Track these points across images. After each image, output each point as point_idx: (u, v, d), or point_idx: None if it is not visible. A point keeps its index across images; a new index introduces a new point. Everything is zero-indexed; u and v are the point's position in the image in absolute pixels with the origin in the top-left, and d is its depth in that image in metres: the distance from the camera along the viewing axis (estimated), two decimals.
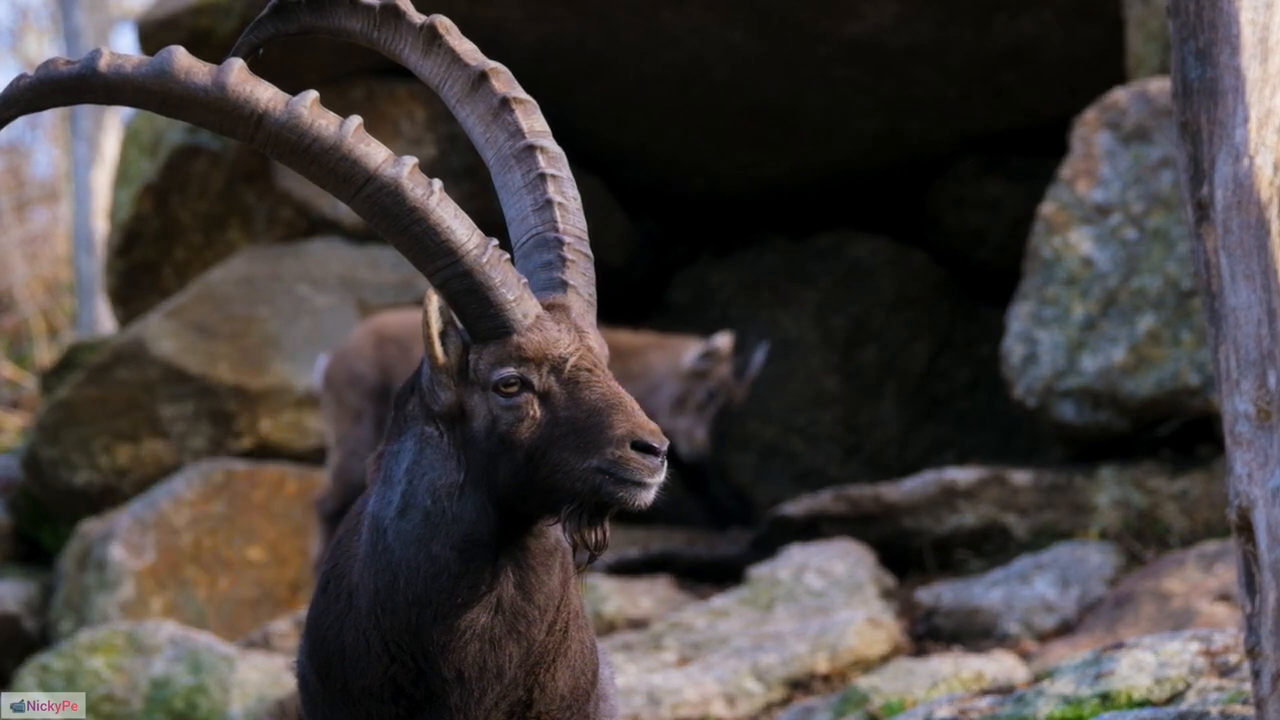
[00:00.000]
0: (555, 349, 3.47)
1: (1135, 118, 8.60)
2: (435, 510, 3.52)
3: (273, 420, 9.67)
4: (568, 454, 3.43)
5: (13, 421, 16.19)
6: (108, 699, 7.77)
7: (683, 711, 7.24)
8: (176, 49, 3.45)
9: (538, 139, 3.71)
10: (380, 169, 3.46)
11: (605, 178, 10.83)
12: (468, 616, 3.51)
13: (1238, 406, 3.92)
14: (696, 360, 9.14)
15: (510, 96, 3.73)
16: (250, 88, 3.42)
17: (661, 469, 3.41)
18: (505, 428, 3.47)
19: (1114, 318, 8.55)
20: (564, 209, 3.67)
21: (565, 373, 3.47)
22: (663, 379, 9.12)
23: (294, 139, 3.43)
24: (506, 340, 3.48)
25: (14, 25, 22.75)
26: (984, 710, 5.40)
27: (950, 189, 11.16)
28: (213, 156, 10.46)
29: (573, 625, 3.66)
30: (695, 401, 9.07)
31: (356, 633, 3.60)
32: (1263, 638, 3.85)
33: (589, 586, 8.38)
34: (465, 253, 3.45)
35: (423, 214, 3.45)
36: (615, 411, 3.43)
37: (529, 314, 3.49)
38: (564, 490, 3.44)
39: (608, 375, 3.49)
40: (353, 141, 3.44)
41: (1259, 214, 3.94)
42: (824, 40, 10.07)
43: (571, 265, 3.63)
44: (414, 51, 3.81)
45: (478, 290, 3.47)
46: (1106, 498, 8.50)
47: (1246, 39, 4.02)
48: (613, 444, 3.39)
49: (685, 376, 9.11)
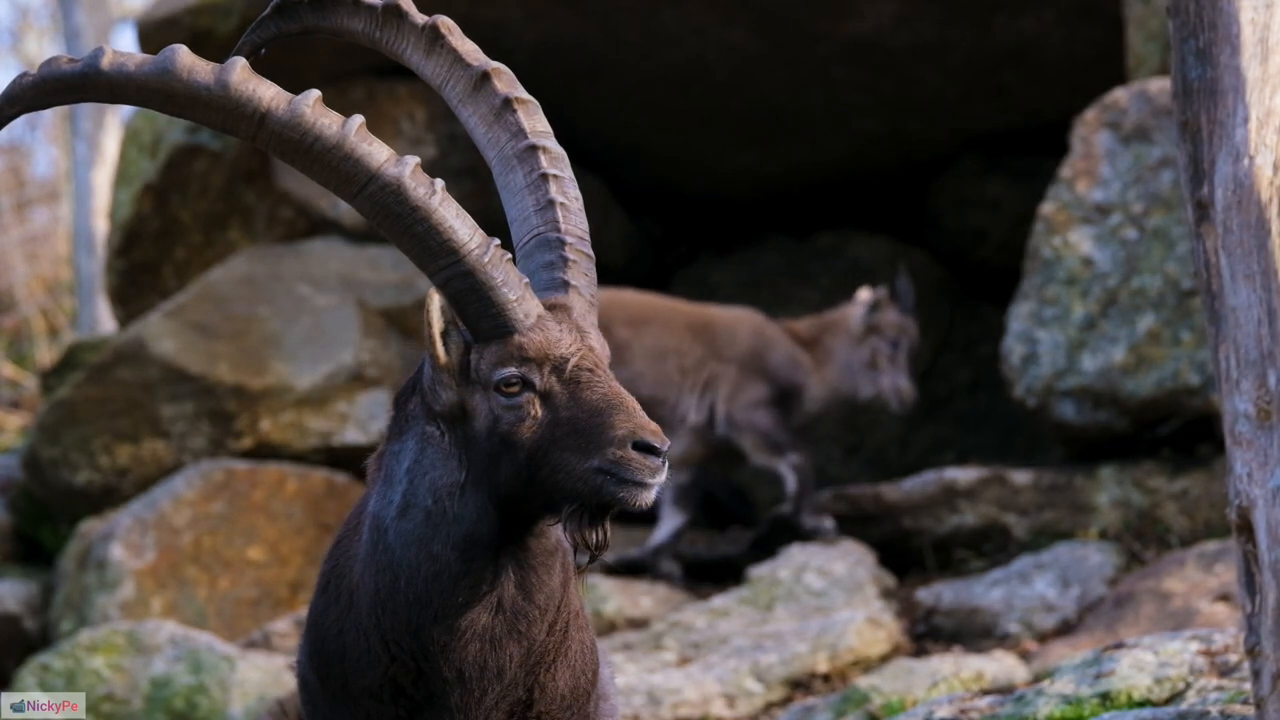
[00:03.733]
0: (557, 349, 3.47)
1: (1135, 117, 8.61)
2: (437, 510, 3.52)
3: (273, 420, 9.67)
4: (569, 454, 3.43)
5: (13, 421, 16.18)
6: (108, 699, 7.77)
7: (683, 711, 7.24)
8: (179, 48, 3.45)
9: (540, 139, 3.71)
10: (383, 168, 3.45)
11: (605, 178, 10.83)
12: (468, 616, 3.51)
13: (1238, 406, 3.92)
14: (863, 319, 9.07)
15: (512, 97, 3.73)
16: (253, 86, 3.42)
17: (663, 469, 3.41)
18: (507, 427, 3.47)
19: (1114, 318, 8.55)
20: (566, 209, 3.67)
21: (567, 373, 3.47)
22: (845, 353, 9.07)
23: (296, 138, 3.43)
24: (508, 340, 3.47)
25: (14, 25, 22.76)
26: (984, 710, 5.41)
27: (950, 189, 11.16)
28: (213, 156, 10.46)
29: (573, 625, 3.66)
30: (884, 356, 9.02)
31: (357, 633, 3.60)
32: (1263, 637, 3.86)
33: (589, 586, 8.38)
34: (467, 252, 3.45)
35: (425, 213, 3.45)
36: (617, 412, 3.42)
37: (531, 314, 3.49)
38: (565, 490, 3.44)
39: (609, 375, 3.49)
40: (355, 140, 3.44)
41: (1259, 214, 3.94)
42: (824, 40, 10.07)
43: (573, 265, 3.63)
44: (416, 52, 3.81)
45: (479, 290, 3.46)
46: (1106, 497, 8.50)
47: (1246, 39, 4.02)
48: (614, 444, 3.39)
49: (861, 338, 9.06)
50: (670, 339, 8.90)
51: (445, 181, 3.52)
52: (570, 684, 3.66)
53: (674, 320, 8.99)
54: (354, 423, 9.69)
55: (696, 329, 8.98)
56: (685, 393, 8.87)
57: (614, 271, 10.72)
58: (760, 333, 9.07)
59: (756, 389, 8.86)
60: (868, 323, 9.06)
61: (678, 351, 8.88)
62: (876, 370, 9.02)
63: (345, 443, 9.63)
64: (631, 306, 8.98)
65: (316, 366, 9.70)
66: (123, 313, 11.06)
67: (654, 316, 8.98)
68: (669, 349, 8.87)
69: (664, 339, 8.90)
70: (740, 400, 8.84)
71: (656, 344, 8.87)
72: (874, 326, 9.05)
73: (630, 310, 8.94)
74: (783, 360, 9.00)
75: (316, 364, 9.71)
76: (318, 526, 9.44)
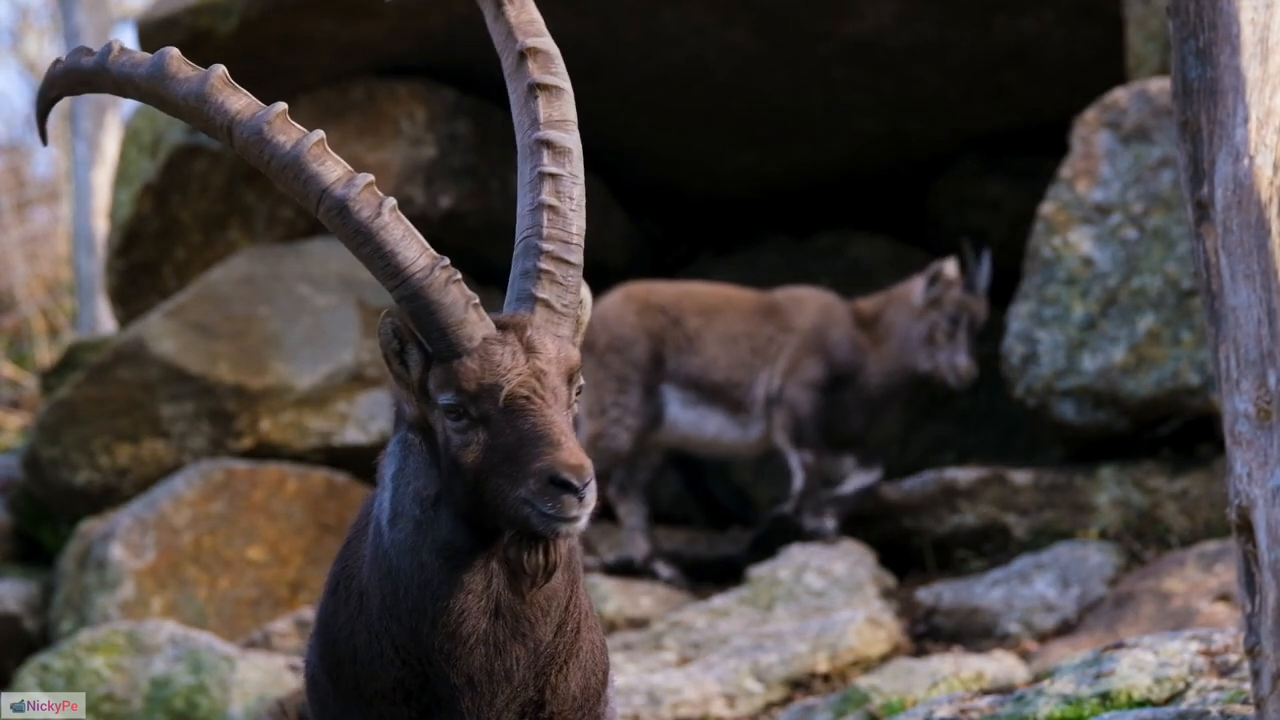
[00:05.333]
0: (492, 376, 3.44)
1: (1135, 117, 8.61)
2: (423, 518, 3.52)
3: (273, 420, 9.67)
4: (503, 481, 3.41)
5: (13, 421, 16.18)
6: (108, 699, 7.77)
7: (683, 711, 7.24)
8: (169, 51, 3.50)
9: (549, 132, 3.63)
10: (330, 189, 3.45)
11: (605, 178, 10.83)
12: (468, 623, 3.50)
13: (1238, 406, 3.92)
14: (925, 293, 8.98)
15: (538, 82, 3.65)
16: (223, 97, 3.47)
17: (581, 504, 3.37)
18: (455, 450, 3.46)
19: (1114, 317, 8.55)
20: (555, 213, 3.59)
21: (501, 400, 3.43)
22: (905, 328, 9.02)
23: (256, 152, 3.47)
24: (450, 364, 3.46)
25: (14, 25, 22.75)
26: (984, 710, 5.41)
27: (950, 189, 11.15)
28: (213, 156, 10.45)
29: (584, 626, 3.65)
30: (943, 332, 8.93)
31: (369, 635, 3.60)
32: (1263, 637, 3.86)
33: (589, 586, 8.38)
34: (412, 274, 3.44)
35: (367, 236, 3.44)
36: (540, 443, 3.38)
37: (474, 337, 3.46)
38: (503, 515, 3.43)
39: (546, 402, 3.44)
40: (306, 159, 3.45)
41: (1259, 214, 3.94)
42: (824, 40, 10.07)
43: (545, 277, 3.55)
44: (489, 13, 3.74)
45: (426, 312, 3.46)
46: (1106, 497, 8.50)
47: (1246, 39, 4.02)
48: (533, 476, 3.37)
49: (921, 313, 8.98)
50: (741, 323, 8.99)
51: (445, 182, 3.51)
52: (581, 684, 3.66)
53: (743, 305, 9.09)
54: (354, 423, 9.69)
55: (766, 310, 9.07)
56: (758, 372, 8.93)
57: (614, 271, 10.72)
58: (827, 310, 9.09)
59: (812, 368, 8.87)
60: (929, 297, 8.96)
61: (748, 334, 8.96)
62: (934, 346, 8.94)
63: (345, 443, 9.63)
64: (702, 296, 9.12)
65: (317, 366, 9.70)
66: (123, 313, 11.05)
67: (724, 304, 9.09)
68: (739, 333, 8.95)
69: (735, 324, 8.99)
70: (795, 376, 8.86)
71: (728, 330, 8.97)
72: (935, 301, 8.95)
73: (701, 300, 9.07)
74: (843, 339, 8.98)
75: (317, 364, 9.70)
76: (318, 526, 9.44)
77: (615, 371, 8.82)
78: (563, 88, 3.66)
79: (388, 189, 10.27)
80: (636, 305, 8.99)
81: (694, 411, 8.89)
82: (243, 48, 9.65)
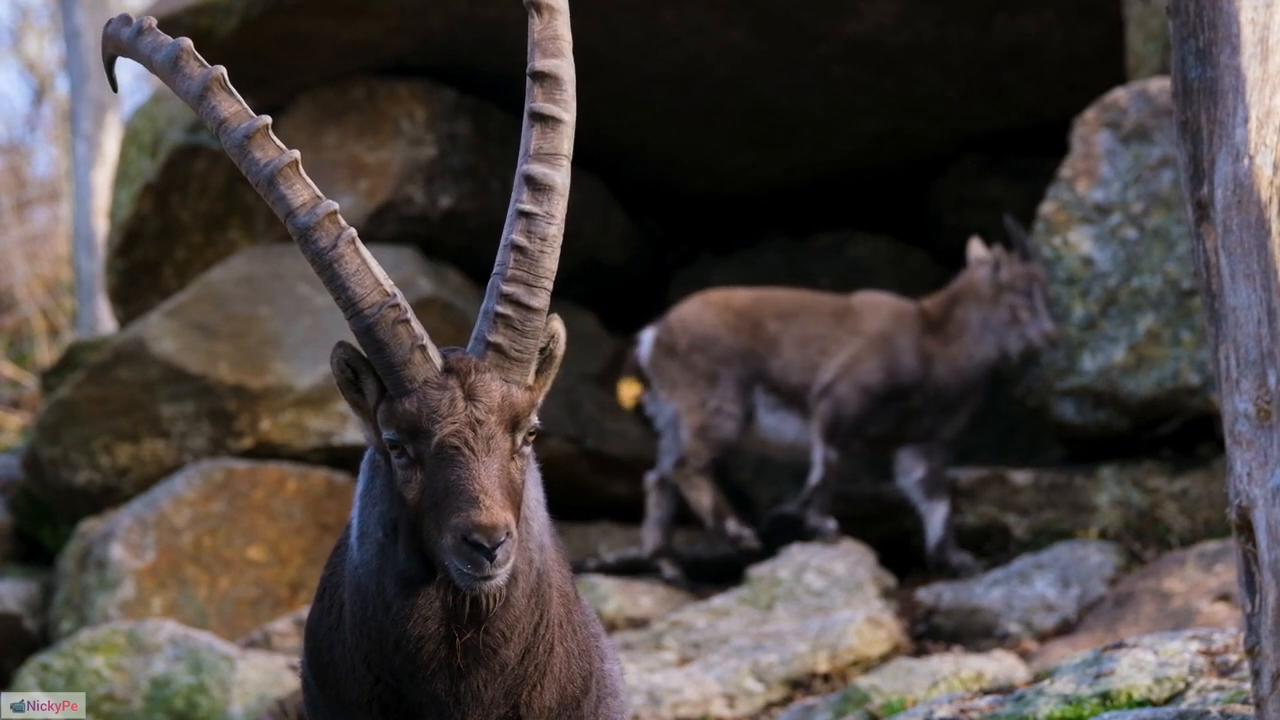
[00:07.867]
0: (427, 421, 3.42)
1: (1135, 117, 8.61)
2: (385, 542, 3.52)
3: (273, 420, 9.67)
4: (431, 527, 3.41)
5: (13, 421, 16.18)
6: (108, 699, 7.77)
7: (683, 711, 7.24)
8: (183, 44, 3.60)
9: (534, 166, 3.54)
10: (294, 213, 3.48)
11: (605, 178, 10.83)
12: (426, 649, 3.49)
13: (1238, 406, 3.92)
14: (989, 279, 8.98)
15: (536, 111, 3.59)
16: (217, 101, 3.54)
17: (490, 566, 3.34)
18: (399, 484, 3.46)
19: (1114, 317, 8.55)
20: (522, 254, 3.50)
21: (432, 447, 3.41)
22: (982, 320, 9.00)
23: (238, 162, 3.54)
24: (393, 402, 3.45)
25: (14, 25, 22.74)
26: (984, 710, 5.41)
27: (950, 189, 11.15)
28: (213, 156, 10.45)
29: (558, 641, 3.63)
30: (1023, 308, 8.90)
31: (344, 649, 3.62)
32: (1263, 637, 3.86)
33: (589, 586, 8.38)
34: (360, 310, 3.45)
35: (323, 265, 3.46)
36: (459, 498, 3.36)
37: (415, 379, 3.44)
38: (434, 557, 3.43)
39: (475, 454, 3.40)
40: (277, 180, 3.49)
41: (1259, 214, 3.94)
42: (824, 40, 10.07)
43: (501, 321, 3.47)
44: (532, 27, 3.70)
45: (373, 348, 3.46)
46: (1106, 497, 8.50)
47: (1246, 39, 4.02)
48: (450, 531, 3.36)
49: (993, 299, 8.98)
50: (816, 326, 9.07)
51: (444, 182, 3.52)
52: (558, 697, 3.64)
53: (819, 309, 9.18)
54: (354, 423, 9.67)
55: (840, 313, 9.15)
56: (819, 371, 8.99)
57: (614, 271, 10.73)
58: (899, 316, 9.11)
59: (871, 372, 8.89)
60: (994, 281, 8.95)
61: (820, 337, 9.02)
62: (1020, 324, 8.91)
63: (345, 442, 9.63)
64: (780, 302, 9.22)
65: (316, 366, 9.70)
66: (123, 313, 11.05)
67: (800, 308, 9.18)
68: (813, 336, 9.03)
69: (810, 327, 9.07)
70: (850, 374, 8.89)
71: (803, 333, 9.05)
72: (1002, 284, 8.94)
73: (779, 305, 9.17)
74: (908, 347, 9.00)
75: (316, 364, 9.70)
76: (318, 526, 9.45)
77: (703, 370, 8.93)
78: (560, 119, 3.58)
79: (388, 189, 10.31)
80: (715, 309, 9.13)
81: (774, 416, 9.00)
82: (243, 47, 9.66)
